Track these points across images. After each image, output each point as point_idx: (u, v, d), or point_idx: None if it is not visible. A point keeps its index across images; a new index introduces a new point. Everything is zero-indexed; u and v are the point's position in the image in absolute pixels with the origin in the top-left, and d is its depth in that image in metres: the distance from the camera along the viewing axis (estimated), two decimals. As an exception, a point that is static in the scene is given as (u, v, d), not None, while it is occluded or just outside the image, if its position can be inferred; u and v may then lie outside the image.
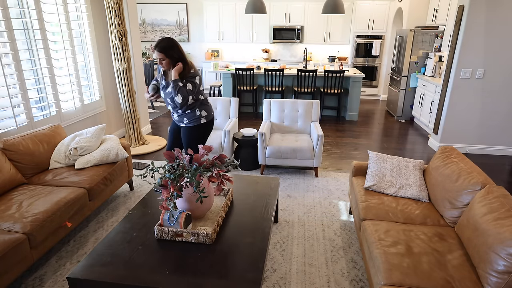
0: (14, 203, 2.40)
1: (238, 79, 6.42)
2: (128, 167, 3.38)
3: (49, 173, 2.90)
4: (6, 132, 3.10)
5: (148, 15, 8.90)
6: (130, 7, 4.78)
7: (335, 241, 2.73)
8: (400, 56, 6.38)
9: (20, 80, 3.24)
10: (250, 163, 4.06)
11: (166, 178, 1.96)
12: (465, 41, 4.32)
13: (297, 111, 4.26)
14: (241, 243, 1.97)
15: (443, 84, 4.70)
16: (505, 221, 1.70)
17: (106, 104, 4.80)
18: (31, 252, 2.16)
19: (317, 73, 6.16)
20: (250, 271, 1.74)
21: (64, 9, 3.83)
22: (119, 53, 4.36)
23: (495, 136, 4.70)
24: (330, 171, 4.10)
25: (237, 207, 2.38)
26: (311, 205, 3.30)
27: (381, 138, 5.38)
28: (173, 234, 1.97)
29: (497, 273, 1.60)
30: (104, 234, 2.82)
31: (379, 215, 2.34)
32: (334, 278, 2.33)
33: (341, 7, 5.81)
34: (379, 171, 2.69)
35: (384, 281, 1.73)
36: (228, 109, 4.37)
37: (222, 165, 2.09)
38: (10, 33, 3.12)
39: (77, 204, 2.57)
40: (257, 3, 6.05)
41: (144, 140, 4.91)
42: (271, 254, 2.56)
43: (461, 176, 2.26)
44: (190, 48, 9.15)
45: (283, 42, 8.42)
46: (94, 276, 1.71)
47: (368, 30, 7.98)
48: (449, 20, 5.52)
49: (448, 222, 2.26)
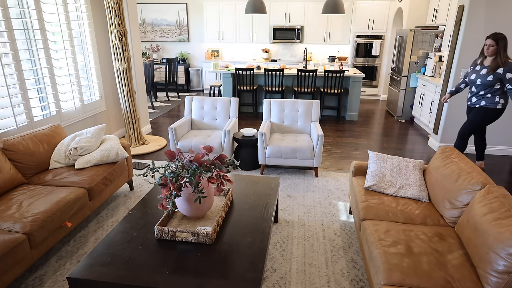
0: (14, 203, 2.40)
1: (238, 79, 6.42)
2: (128, 167, 3.38)
3: (49, 173, 2.90)
4: (6, 132, 3.10)
5: (148, 15, 8.90)
6: (130, 7, 4.78)
7: (335, 241, 2.73)
8: (400, 56, 6.38)
9: (20, 80, 3.25)
10: (250, 163, 4.06)
11: (166, 177, 1.96)
12: (465, 41, 4.32)
13: (297, 111, 4.26)
14: (241, 243, 1.97)
15: (443, 84, 4.70)
16: (505, 221, 1.70)
17: (106, 104, 4.80)
18: (31, 252, 2.16)
19: (317, 73, 6.16)
20: (250, 271, 1.74)
21: (64, 9, 3.83)
22: (119, 53, 4.36)
23: (495, 136, 4.70)
24: (330, 171, 4.10)
25: (237, 207, 2.38)
26: (311, 205, 3.30)
27: (381, 138, 5.38)
28: (173, 234, 1.97)
29: (497, 273, 1.60)
30: (104, 234, 2.82)
31: (379, 215, 2.34)
32: (334, 278, 2.33)
33: (341, 7, 5.81)
34: (379, 171, 2.69)
35: (384, 281, 1.73)
36: (228, 109, 4.37)
37: (222, 165, 2.09)
38: (10, 33, 3.12)
39: (77, 204, 2.57)
40: (257, 3, 6.05)
41: (144, 140, 4.91)
42: (271, 254, 2.56)
43: (461, 176, 2.26)
44: (190, 48, 9.15)
45: (283, 42, 8.42)
46: (94, 276, 1.71)
47: (368, 30, 7.98)
48: (449, 20, 5.52)
49: (448, 222, 2.26)
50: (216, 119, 4.40)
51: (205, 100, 4.40)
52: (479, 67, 3.60)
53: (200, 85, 9.26)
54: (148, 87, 6.94)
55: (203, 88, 9.27)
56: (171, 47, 9.24)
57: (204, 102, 4.40)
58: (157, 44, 9.21)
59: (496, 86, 3.48)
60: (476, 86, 3.60)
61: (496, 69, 3.39)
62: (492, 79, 3.43)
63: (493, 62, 3.43)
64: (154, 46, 9.22)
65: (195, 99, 4.44)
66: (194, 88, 9.32)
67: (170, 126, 3.94)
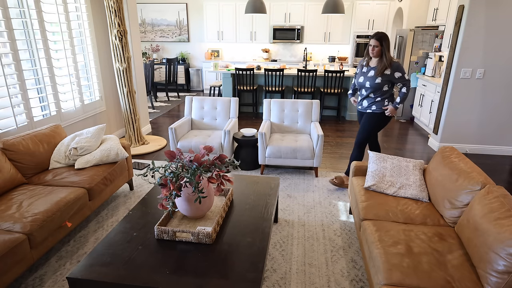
0: (14, 203, 2.40)
1: (238, 79, 6.42)
2: (128, 167, 3.38)
3: (49, 173, 2.90)
4: (6, 132, 3.10)
5: (148, 15, 8.90)
6: (130, 7, 4.78)
7: (335, 241, 2.73)
8: (400, 56, 6.38)
9: (20, 80, 3.25)
10: (250, 163, 4.06)
11: (166, 177, 1.96)
12: (465, 41, 4.32)
13: (297, 111, 4.26)
14: (241, 243, 1.97)
15: (443, 84, 4.70)
16: (505, 221, 1.70)
17: (106, 104, 4.80)
18: (31, 252, 2.16)
19: (317, 73, 6.16)
20: (250, 271, 1.74)
21: (64, 9, 3.83)
22: (119, 53, 4.36)
23: (495, 136, 4.70)
24: (330, 171, 4.10)
25: (237, 207, 2.38)
26: (311, 205, 3.30)
27: (381, 138, 5.37)
28: (173, 234, 1.97)
29: (497, 273, 1.60)
30: (104, 234, 2.82)
31: (379, 215, 2.34)
32: (334, 278, 2.33)
33: (341, 7, 5.81)
34: (379, 171, 2.69)
35: (384, 281, 1.73)
36: (228, 109, 4.37)
37: (222, 165, 2.09)
38: (10, 33, 3.11)
39: (77, 204, 2.57)
40: (257, 3, 6.05)
41: (144, 140, 4.91)
42: (271, 254, 2.56)
43: (461, 176, 2.26)
44: (190, 48, 9.15)
45: (283, 42, 8.43)
46: (94, 276, 1.71)
47: (368, 30, 7.98)
48: (449, 20, 5.52)
49: (448, 222, 2.26)
50: (216, 119, 4.40)
51: (205, 100, 4.40)
52: (365, 68, 3.38)
53: (200, 85, 9.26)
54: (148, 87, 6.94)
55: (203, 88, 9.27)
56: (171, 47, 9.24)
57: (204, 102, 4.40)
58: (157, 44, 9.21)
59: (385, 88, 3.30)
60: (366, 89, 3.38)
61: (383, 71, 3.22)
62: (381, 81, 3.25)
63: (379, 64, 3.24)
64: (154, 46, 9.22)
65: (195, 99, 4.44)
66: (194, 88, 9.32)
67: (170, 126, 3.94)
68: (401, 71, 3.25)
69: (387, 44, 3.20)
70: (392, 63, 3.23)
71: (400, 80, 3.27)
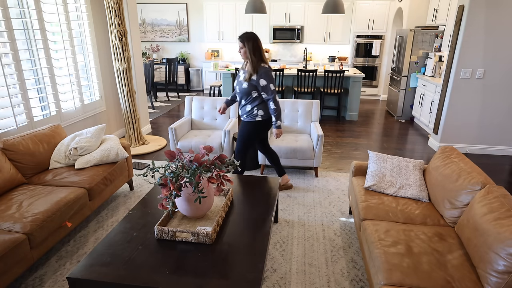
0: (14, 203, 2.40)
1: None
2: (128, 167, 3.38)
3: (49, 173, 2.89)
4: (6, 132, 3.10)
5: (148, 15, 8.90)
6: (130, 7, 4.78)
7: (335, 241, 2.73)
8: (400, 56, 6.38)
9: (20, 80, 3.24)
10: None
11: (166, 177, 1.96)
12: (465, 41, 4.32)
13: (297, 111, 4.26)
14: (241, 243, 1.97)
15: (443, 84, 4.70)
16: (505, 221, 1.70)
17: (106, 104, 4.80)
18: (31, 252, 2.16)
19: (317, 73, 6.16)
20: (250, 271, 1.74)
21: (64, 9, 3.83)
22: (119, 53, 4.36)
23: (495, 136, 4.70)
24: (330, 171, 4.10)
25: (237, 207, 2.38)
26: (311, 205, 3.30)
27: (381, 138, 5.38)
28: (173, 234, 1.97)
29: (497, 273, 1.60)
30: (104, 234, 2.82)
31: (379, 215, 2.34)
32: (334, 278, 2.33)
33: (341, 7, 5.81)
34: (379, 171, 2.69)
35: (384, 281, 1.73)
36: (228, 109, 4.37)
37: (222, 165, 2.09)
38: (10, 33, 3.12)
39: (77, 204, 2.57)
40: (257, 3, 6.05)
41: (144, 140, 4.91)
42: (271, 254, 2.56)
43: (461, 176, 2.26)
44: (190, 48, 9.15)
45: (283, 42, 8.43)
46: (94, 276, 1.71)
47: (368, 30, 7.98)
48: (449, 20, 5.52)
49: (448, 222, 2.26)
50: (216, 119, 4.40)
51: (205, 100, 4.40)
52: (242, 71, 3.05)
53: (200, 85, 9.26)
54: (148, 87, 6.94)
55: (203, 88, 9.27)
56: (171, 47, 9.23)
57: (204, 102, 4.40)
58: (157, 44, 9.20)
59: (253, 94, 2.98)
60: (239, 95, 3.07)
61: (250, 76, 2.91)
62: (247, 86, 2.94)
63: (248, 68, 2.93)
64: (154, 46, 9.22)
65: (195, 99, 4.44)
66: (194, 88, 9.32)
67: (170, 126, 3.94)
68: (267, 79, 2.89)
69: (252, 46, 2.85)
70: (258, 68, 2.89)
71: (264, 89, 2.91)
